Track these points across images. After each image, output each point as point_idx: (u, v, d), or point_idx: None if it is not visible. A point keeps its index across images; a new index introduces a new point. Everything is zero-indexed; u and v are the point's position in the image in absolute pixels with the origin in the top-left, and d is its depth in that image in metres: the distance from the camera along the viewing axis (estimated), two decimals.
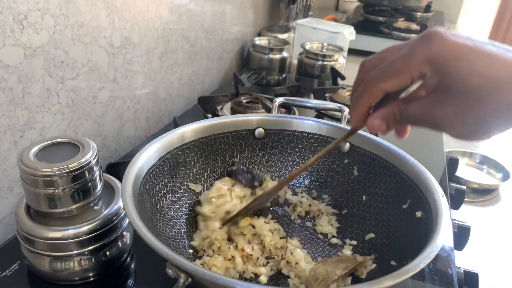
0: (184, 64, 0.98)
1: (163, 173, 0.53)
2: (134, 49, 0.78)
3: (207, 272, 0.34)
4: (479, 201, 1.47)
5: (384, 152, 0.55)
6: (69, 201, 0.46)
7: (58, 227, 0.46)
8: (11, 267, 0.51)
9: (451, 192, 0.82)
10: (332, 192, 0.60)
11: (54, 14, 0.58)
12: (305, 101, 0.80)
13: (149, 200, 0.49)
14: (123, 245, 0.51)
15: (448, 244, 0.62)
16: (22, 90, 0.56)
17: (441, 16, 2.18)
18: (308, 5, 1.59)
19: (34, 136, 0.60)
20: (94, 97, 0.70)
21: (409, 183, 0.51)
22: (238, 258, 0.48)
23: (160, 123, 0.93)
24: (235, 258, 0.48)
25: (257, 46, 1.24)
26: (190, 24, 0.96)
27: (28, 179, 0.44)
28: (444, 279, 0.55)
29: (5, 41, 0.52)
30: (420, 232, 0.45)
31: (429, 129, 0.35)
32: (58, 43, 0.60)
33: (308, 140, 0.61)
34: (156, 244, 0.36)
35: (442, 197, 0.45)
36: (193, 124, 0.57)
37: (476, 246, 1.24)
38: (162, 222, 0.50)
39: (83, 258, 0.48)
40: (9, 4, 0.51)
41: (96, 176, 0.48)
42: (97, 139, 0.74)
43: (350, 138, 0.58)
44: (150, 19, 0.80)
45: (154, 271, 0.52)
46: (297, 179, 0.62)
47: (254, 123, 0.61)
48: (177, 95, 0.98)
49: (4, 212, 0.58)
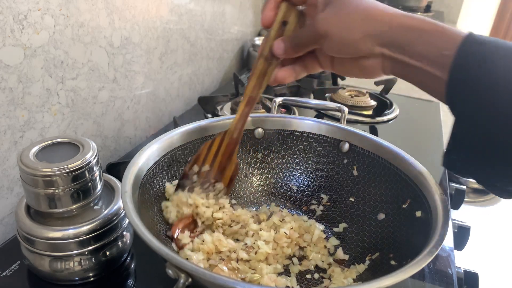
0: (184, 64, 0.98)
1: (163, 173, 0.53)
2: (134, 49, 0.78)
3: (207, 272, 0.34)
4: (479, 201, 1.47)
5: (384, 152, 0.55)
6: (69, 201, 0.46)
7: (58, 227, 0.46)
8: (11, 267, 0.51)
9: (451, 192, 0.82)
10: (331, 192, 0.60)
11: (54, 14, 0.58)
12: (305, 101, 0.81)
13: (149, 200, 0.49)
14: (123, 245, 0.51)
15: (448, 244, 0.62)
16: (22, 90, 0.56)
17: (441, 16, 2.18)
18: None
19: (34, 136, 0.60)
20: (94, 97, 0.70)
21: (409, 183, 0.51)
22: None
23: (160, 123, 0.93)
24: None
25: (257, 46, 1.24)
26: (190, 24, 0.96)
27: (28, 179, 0.44)
28: (444, 279, 0.55)
29: (5, 41, 0.52)
30: (420, 232, 0.45)
31: (314, 43, 0.43)
32: (58, 43, 0.60)
33: (308, 140, 0.61)
34: (156, 244, 0.36)
35: (442, 197, 0.45)
36: (193, 124, 0.57)
37: (476, 246, 1.24)
38: (162, 222, 0.50)
39: (83, 258, 0.48)
40: (9, 4, 0.51)
41: (96, 176, 0.48)
42: (97, 139, 0.74)
43: (350, 138, 0.58)
44: (150, 19, 0.80)
45: (154, 271, 0.52)
46: (296, 180, 0.62)
47: (254, 123, 0.61)
48: (177, 95, 0.98)
49: (4, 212, 0.58)
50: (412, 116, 1.05)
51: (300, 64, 0.47)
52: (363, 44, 0.39)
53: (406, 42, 0.38)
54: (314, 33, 0.41)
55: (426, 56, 0.37)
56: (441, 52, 0.36)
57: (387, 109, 1.02)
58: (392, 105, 1.06)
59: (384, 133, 0.94)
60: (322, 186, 0.61)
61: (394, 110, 1.05)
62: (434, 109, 1.09)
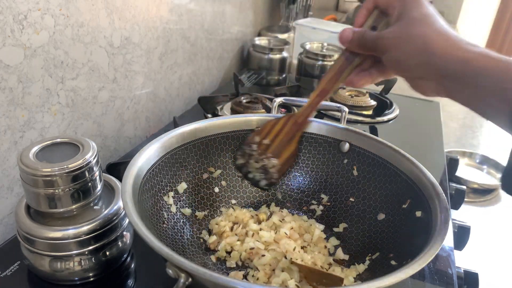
0: (184, 64, 0.98)
1: (163, 173, 0.53)
2: (134, 49, 0.78)
3: (207, 272, 0.34)
4: (479, 201, 1.47)
5: (384, 152, 0.55)
6: (69, 201, 0.46)
7: (58, 227, 0.46)
8: (11, 267, 0.51)
9: (451, 192, 0.82)
10: (331, 192, 0.60)
11: (54, 14, 0.58)
12: (305, 101, 0.80)
13: (149, 200, 0.49)
14: (123, 245, 0.51)
15: (448, 244, 0.62)
16: (22, 90, 0.56)
17: (441, 16, 2.18)
18: (308, 5, 1.59)
19: (34, 136, 0.60)
20: (94, 97, 0.70)
21: (409, 183, 0.51)
22: None
23: (160, 123, 0.93)
24: None
25: (257, 46, 1.24)
26: (190, 24, 0.96)
27: (28, 179, 0.44)
28: (444, 279, 0.55)
29: (5, 41, 0.52)
30: (420, 232, 0.45)
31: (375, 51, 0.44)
32: (58, 43, 0.60)
33: (308, 140, 0.61)
34: (156, 244, 0.36)
35: (442, 197, 0.45)
36: (193, 124, 0.57)
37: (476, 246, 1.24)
38: (162, 222, 0.50)
39: (83, 258, 0.48)
40: (9, 4, 0.51)
41: (96, 176, 0.48)
42: (97, 139, 0.74)
43: (350, 138, 0.58)
44: (150, 19, 0.80)
45: (154, 271, 0.52)
46: (296, 180, 0.62)
47: (254, 123, 0.61)
48: (177, 95, 0.98)
49: (4, 212, 0.58)
50: (412, 116, 1.05)
51: (376, 68, 0.48)
52: (417, 70, 0.41)
53: (466, 78, 0.38)
54: (377, 45, 0.43)
55: (485, 88, 0.37)
56: (502, 85, 0.36)
57: (387, 109, 1.02)
58: (392, 105, 1.06)
59: (384, 133, 0.94)
60: (322, 186, 0.61)
61: (394, 110, 1.05)
62: (434, 109, 1.09)
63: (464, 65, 0.38)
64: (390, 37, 0.42)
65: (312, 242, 0.54)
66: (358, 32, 0.45)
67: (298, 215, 0.60)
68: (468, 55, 0.38)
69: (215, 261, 0.52)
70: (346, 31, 0.46)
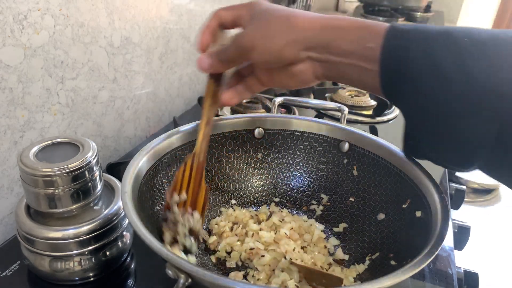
0: (184, 64, 0.98)
1: (163, 173, 0.53)
2: (134, 49, 0.78)
3: (207, 272, 0.34)
4: (479, 201, 1.47)
5: (384, 152, 0.55)
6: (69, 201, 0.46)
7: (58, 227, 0.46)
8: (11, 267, 0.51)
9: (451, 192, 0.82)
10: (331, 192, 0.60)
11: (54, 14, 0.58)
12: (305, 101, 0.81)
13: (149, 200, 0.49)
14: (123, 245, 0.51)
15: (448, 244, 0.62)
16: (22, 90, 0.56)
17: (441, 16, 2.18)
18: (308, 5, 1.59)
19: (34, 136, 0.60)
20: (94, 97, 0.70)
21: (409, 183, 0.51)
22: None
23: (160, 123, 0.93)
24: None
25: None
26: (190, 24, 0.96)
27: (28, 179, 0.44)
28: (444, 279, 0.55)
29: (5, 41, 0.52)
30: (420, 232, 0.45)
31: (241, 57, 0.44)
32: (58, 43, 0.60)
33: (308, 140, 0.61)
34: (156, 244, 0.36)
35: (442, 197, 0.45)
36: (193, 124, 0.57)
37: (476, 246, 1.25)
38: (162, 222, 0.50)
39: (83, 258, 0.48)
40: (9, 4, 0.51)
41: (96, 176, 0.48)
42: (97, 139, 0.74)
43: (350, 138, 0.58)
44: (150, 19, 0.80)
45: (154, 271, 0.52)
46: (296, 180, 0.62)
47: (253, 123, 0.61)
48: (177, 95, 0.98)
49: (4, 212, 0.58)
50: None
51: (242, 84, 0.49)
52: (287, 50, 0.40)
53: (329, 41, 0.39)
54: (240, 47, 0.43)
55: (352, 51, 0.38)
56: (365, 45, 0.37)
57: (387, 109, 1.02)
58: (392, 105, 1.06)
59: (384, 133, 0.94)
60: (322, 186, 0.61)
61: (394, 110, 1.04)
62: None
63: (329, 31, 0.39)
64: (253, 27, 0.41)
65: (312, 242, 0.54)
66: (214, 51, 0.45)
67: (298, 215, 0.60)
68: (331, 22, 0.39)
69: (215, 261, 0.52)
70: (201, 59, 0.45)
